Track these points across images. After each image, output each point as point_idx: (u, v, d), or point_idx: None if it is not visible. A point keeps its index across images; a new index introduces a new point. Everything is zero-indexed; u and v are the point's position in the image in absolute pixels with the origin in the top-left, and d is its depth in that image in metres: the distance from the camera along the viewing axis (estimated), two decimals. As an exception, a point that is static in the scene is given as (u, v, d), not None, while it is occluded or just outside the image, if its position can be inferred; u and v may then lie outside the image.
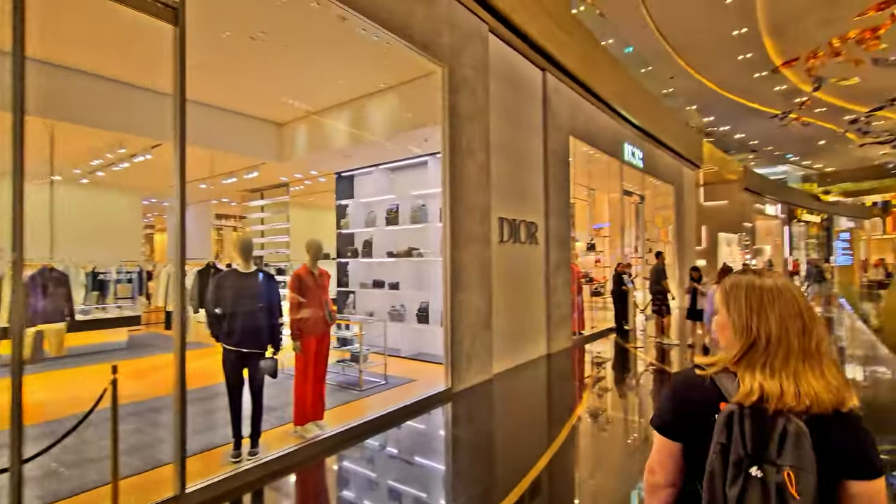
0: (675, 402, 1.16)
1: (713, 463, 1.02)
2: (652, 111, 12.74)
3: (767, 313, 1.07)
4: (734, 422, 1.01)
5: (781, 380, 1.02)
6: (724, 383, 1.08)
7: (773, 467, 0.95)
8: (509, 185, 6.83)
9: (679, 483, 1.17)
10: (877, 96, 21.34)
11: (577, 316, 9.01)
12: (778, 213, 28.74)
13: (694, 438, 1.10)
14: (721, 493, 0.99)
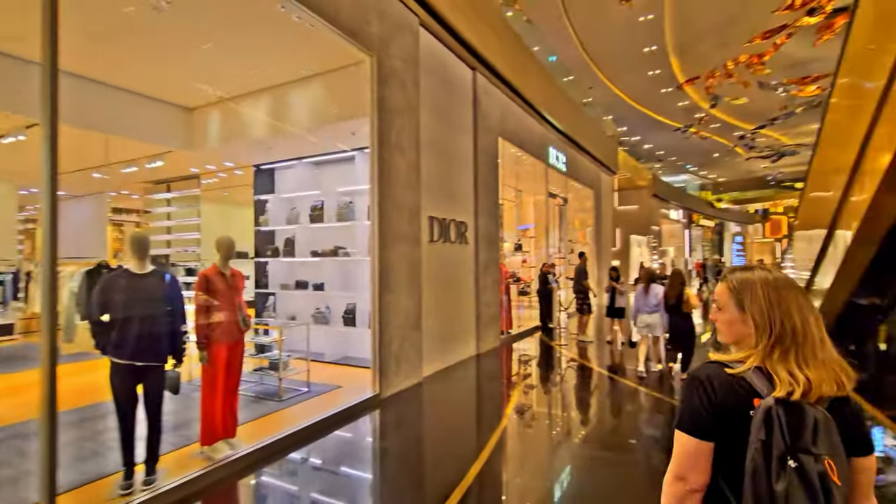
0: (711, 402, 1.10)
1: (756, 460, 1.01)
2: (574, 118, 13.33)
3: (789, 306, 1.10)
4: (774, 416, 1.01)
5: (815, 370, 1.05)
6: (753, 379, 1.08)
7: (810, 457, 0.97)
8: (439, 184, 6.72)
9: (705, 486, 1.11)
10: (761, 116, 24.19)
11: (505, 315, 9.14)
12: (680, 217, 31.57)
13: (727, 437, 1.08)
14: (766, 489, 0.98)
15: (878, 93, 4.33)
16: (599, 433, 4.54)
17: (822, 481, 0.96)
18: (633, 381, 6.31)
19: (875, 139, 4.60)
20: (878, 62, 4.32)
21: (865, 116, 4.64)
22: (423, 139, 6.22)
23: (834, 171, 5.61)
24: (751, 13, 14.95)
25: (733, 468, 1.05)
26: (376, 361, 5.14)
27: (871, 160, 4.72)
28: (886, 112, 4.37)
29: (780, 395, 1.03)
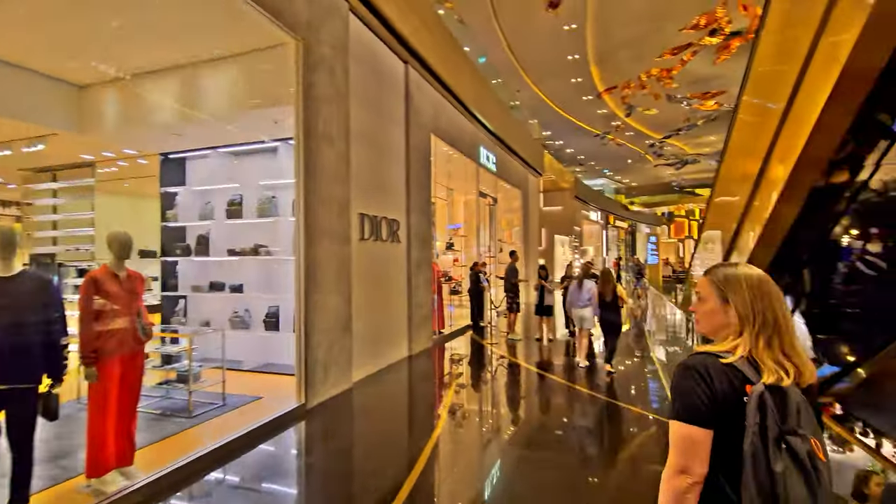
0: (709, 391, 1.13)
1: (755, 444, 1.04)
2: (504, 119, 13.56)
3: (770, 299, 1.17)
4: (766, 401, 1.06)
5: (794, 359, 1.13)
6: (744, 368, 1.13)
7: (797, 438, 1.03)
8: (371, 179, 6.43)
9: (705, 475, 1.13)
10: (668, 126, 26.34)
11: (438, 315, 9.02)
12: (599, 219, 33.56)
13: (724, 424, 1.11)
14: (766, 470, 1.02)
15: (779, 113, 4.75)
16: (533, 433, 4.54)
17: (810, 460, 1.02)
18: (561, 377, 6.46)
19: (776, 153, 5.05)
20: (781, 85, 4.71)
21: (768, 132, 5.07)
22: (354, 131, 5.91)
23: (740, 179, 6.11)
24: (662, 30, 16.16)
25: (728, 457, 1.09)
26: (301, 368, 4.77)
27: (772, 171, 5.18)
28: (786, 129, 4.80)
29: (770, 381, 1.09)
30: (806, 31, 4.12)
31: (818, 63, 4.09)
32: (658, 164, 36.10)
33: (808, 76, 4.31)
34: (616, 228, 40.18)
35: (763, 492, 1.02)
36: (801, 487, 1.01)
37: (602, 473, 3.64)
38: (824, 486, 1.03)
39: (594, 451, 4.09)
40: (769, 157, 5.20)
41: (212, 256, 6.60)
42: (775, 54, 5.29)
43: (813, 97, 4.19)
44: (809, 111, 4.26)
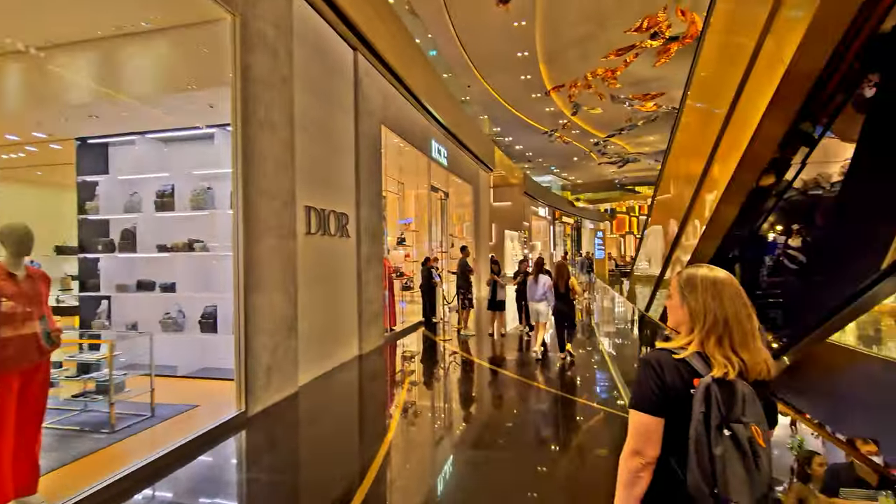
0: (660, 383, 1.26)
1: (698, 430, 1.16)
2: (455, 113, 13.45)
3: (722, 300, 1.26)
4: (711, 393, 1.17)
5: (743, 355, 1.23)
6: (694, 362, 1.25)
7: (741, 425, 1.15)
8: (318, 170, 6.08)
9: (657, 459, 1.26)
10: (611, 126, 27.35)
11: (389, 311, 8.79)
12: (546, 215, 34.39)
13: (674, 413, 1.23)
14: (707, 453, 1.15)
15: (722, 117, 4.91)
16: (487, 432, 4.45)
17: (750, 445, 1.14)
18: (513, 372, 6.45)
19: (719, 155, 5.24)
20: (724, 89, 4.86)
21: (711, 134, 5.25)
22: (300, 119, 5.55)
23: (684, 178, 6.33)
24: (608, 31, 16.66)
25: (678, 441, 1.21)
26: (241, 374, 4.41)
27: (715, 172, 5.37)
28: (729, 132, 4.98)
29: (717, 375, 1.20)
30: (749, 38, 4.26)
31: (760, 68, 4.25)
32: (602, 162, 37.49)
33: (750, 82, 4.47)
34: (563, 224, 41.40)
35: (704, 472, 1.15)
36: (740, 468, 1.13)
37: (558, 470, 3.60)
38: (762, 469, 1.15)
39: (550, 447, 4.05)
40: (712, 159, 5.40)
41: (139, 252, 6.01)
42: (718, 59, 5.48)
43: (754, 102, 4.34)
44: (751, 116, 4.42)
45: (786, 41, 3.66)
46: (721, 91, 5.03)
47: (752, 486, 1.14)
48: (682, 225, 6.24)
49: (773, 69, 3.92)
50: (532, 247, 29.30)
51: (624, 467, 1.29)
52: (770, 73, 3.99)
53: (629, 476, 1.27)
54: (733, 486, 1.13)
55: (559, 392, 5.53)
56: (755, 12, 4.18)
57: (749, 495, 1.13)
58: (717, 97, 5.18)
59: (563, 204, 39.71)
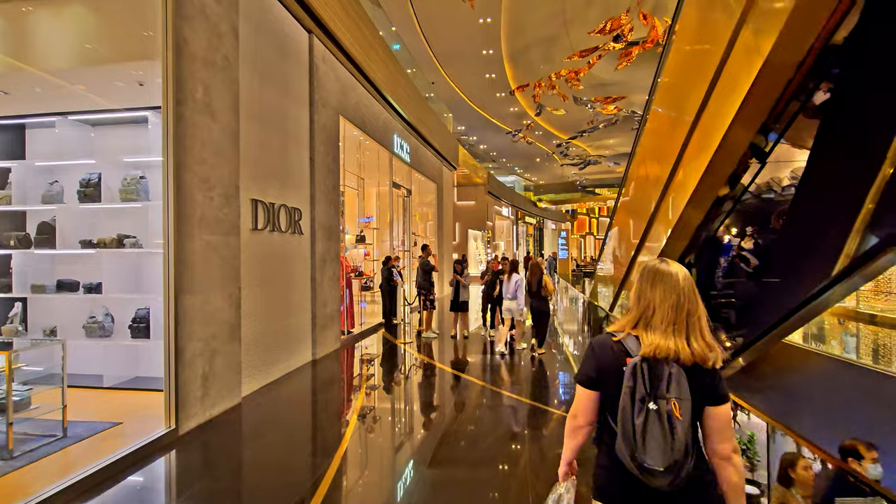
0: (595, 362, 1.47)
1: (624, 401, 1.36)
2: (419, 108, 13.10)
3: (655, 289, 1.41)
4: (638, 370, 1.36)
5: (666, 339, 1.37)
6: (628, 343, 1.43)
7: (663, 400, 1.32)
8: (268, 162, 5.60)
9: (595, 422, 1.51)
10: (573, 128, 27.73)
11: (347, 313, 8.35)
12: (509, 214, 34.57)
13: (608, 386, 1.45)
14: (630, 422, 1.34)
15: (688, 123, 4.82)
16: (447, 444, 4.15)
17: (669, 416, 1.29)
18: (476, 377, 6.19)
19: (685, 160, 5.15)
20: (690, 96, 4.77)
21: (677, 139, 5.15)
22: (247, 105, 5.06)
23: (650, 182, 6.26)
24: (571, 32, 16.76)
25: (614, 409, 1.40)
26: (171, 387, 3.91)
27: (681, 177, 5.30)
28: (695, 138, 4.89)
29: (644, 354, 1.36)
30: (716, 46, 4.16)
31: (728, 77, 4.16)
32: (564, 163, 38.07)
33: (717, 92, 4.39)
34: (526, 224, 41.83)
35: (627, 438, 1.33)
36: (657, 434, 1.29)
37: (521, 486, 3.34)
38: (677, 438, 1.29)
39: (512, 458, 3.79)
40: (678, 164, 5.31)
41: (59, 249, 5.33)
42: (684, 65, 5.40)
43: (722, 109, 4.26)
44: (719, 123, 4.34)
45: (754, 52, 3.58)
46: (688, 97, 4.94)
47: (666, 452, 1.29)
48: (647, 228, 6.17)
49: (740, 80, 3.85)
50: (495, 246, 29.36)
51: (567, 426, 1.55)
52: (738, 83, 3.91)
53: (569, 430, 1.55)
54: (650, 452, 1.30)
55: (522, 398, 5.30)
56: (722, 20, 4.09)
57: (662, 460, 1.28)
58: (683, 103, 5.10)
59: (526, 204, 40.12)
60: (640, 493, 1.36)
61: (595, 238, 48.91)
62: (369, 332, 9.07)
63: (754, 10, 3.61)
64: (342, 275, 8.01)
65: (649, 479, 1.31)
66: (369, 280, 9.90)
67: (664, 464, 1.28)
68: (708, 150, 4.62)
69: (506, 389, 5.61)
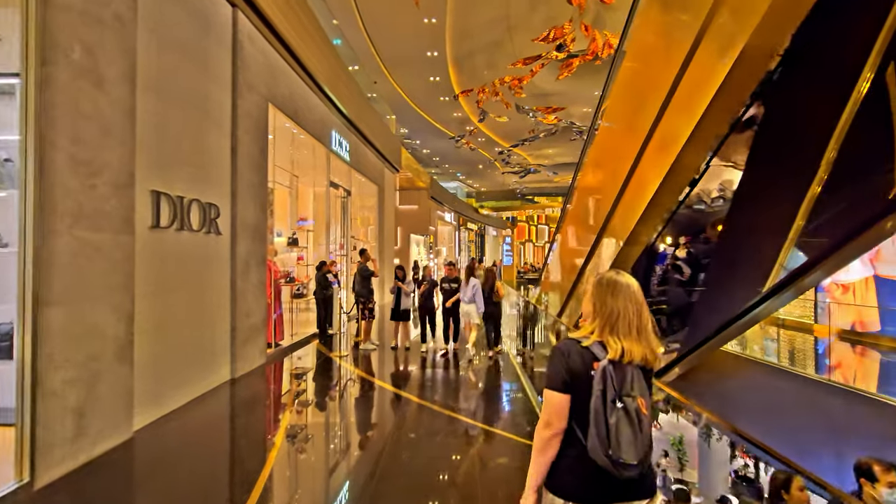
0: (565, 367, 1.54)
1: (596, 403, 1.45)
2: (361, 106, 12.41)
3: (616, 300, 1.54)
4: (607, 373, 1.46)
5: (629, 343, 1.51)
6: (594, 349, 1.53)
7: (630, 398, 1.45)
8: (175, 147, 4.75)
9: (565, 429, 1.54)
10: (515, 136, 28.08)
11: (276, 324, 7.49)
12: (452, 220, 34.42)
13: (578, 391, 1.51)
14: (604, 422, 1.42)
15: (641, 140, 4.64)
16: (382, 479, 3.57)
17: (636, 414, 1.44)
18: (416, 394, 5.65)
19: (637, 176, 4.99)
20: (643, 114, 4.59)
21: (627, 159, 4.97)
22: (149, 77, 4.22)
23: (604, 195, 6.09)
24: (515, 39, 16.80)
25: (581, 413, 1.50)
26: (24, 426, 3.02)
27: (633, 193, 5.14)
28: (647, 156, 4.72)
29: (612, 357, 1.50)
30: (668, 68, 3.99)
31: (682, 96, 4.01)
32: (505, 171, 38.59)
33: (671, 112, 4.24)
34: (468, 230, 41.94)
35: (601, 437, 1.43)
36: (628, 431, 1.42)
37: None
38: (644, 431, 1.44)
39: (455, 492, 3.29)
40: (629, 179, 5.15)
41: None
42: (636, 78, 5.26)
43: (676, 129, 4.11)
44: (672, 143, 4.19)
45: (711, 72, 3.43)
46: (640, 114, 4.77)
47: (637, 446, 1.42)
48: (598, 239, 6.01)
49: (696, 99, 3.71)
50: (437, 252, 29.01)
51: (538, 437, 1.55)
52: (694, 101, 3.77)
53: (541, 444, 1.54)
54: (623, 447, 1.41)
55: (468, 419, 4.83)
56: (676, 41, 3.93)
57: (634, 454, 1.41)
58: (635, 120, 4.94)
59: (468, 210, 40.23)
60: (609, 486, 1.47)
61: (534, 245, 50.05)
62: (302, 343, 8.24)
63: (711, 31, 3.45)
64: (270, 281, 7.17)
65: (622, 472, 1.41)
66: (303, 286, 9.05)
67: (636, 457, 1.41)
68: (661, 169, 4.49)
69: (450, 408, 5.11)
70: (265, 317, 6.78)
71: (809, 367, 7.23)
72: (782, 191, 3.10)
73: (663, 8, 4.48)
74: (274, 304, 7.48)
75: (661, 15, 4.52)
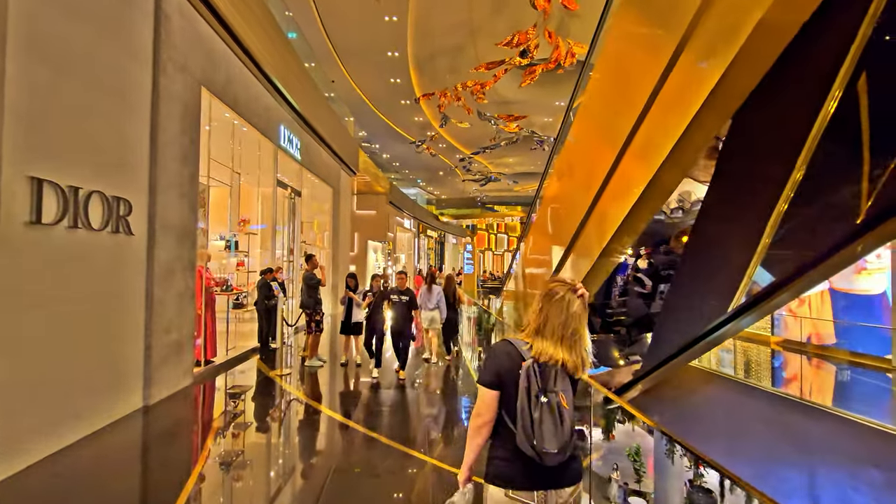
0: (496, 366, 1.71)
1: (522, 398, 1.62)
2: (316, 104, 11.62)
3: (551, 307, 1.70)
4: (531, 371, 1.63)
5: (553, 349, 1.66)
6: (523, 350, 1.70)
7: (553, 393, 1.62)
8: (71, 129, 3.89)
9: (494, 419, 1.71)
10: (476, 143, 27.87)
11: (207, 339, 6.58)
12: (411, 227, 33.75)
13: (506, 386, 1.69)
14: (529, 416, 1.60)
15: (614, 155, 4.27)
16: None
17: (558, 408, 1.61)
18: (366, 423, 4.96)
19: (608, 194, 4.62)
20: (618, 125, 4.22)
21: (598, 173, 4.60)
22: (34, 40, 3.38)
23: (568, 209, 5.72)
24: (478, 42, 16.48)
25: (510, 406, 1.66)
26: None
27: (603, 209, 4.77)
28: (622, 172, 4.34)
29: (534, 356, 1.66)
30: (647, 80, 3.62)
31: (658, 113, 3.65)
32: (466, 178, 38.36)
33: (647, 128, 3.87)
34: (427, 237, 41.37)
35: (526, 429, 1.59)
36: (550, 423, 1.59)
37: None
38: (565, 424, 1.61)
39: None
40: (600, 197, 4.78)
41: None
42: (609, 96, 4.89)
43: (653, 150, 3.76)
44: (649, 165, 3.84)
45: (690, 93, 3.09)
46: (613, 127, 4.39)
47: (558, 436, 1.59)
48: (566, 254, 5.61)
49: (671, 126, 3.37)
50: (396, 259, 28.24)
51: (471, 424, 1.73)
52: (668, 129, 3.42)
53: (473, 431, 1.72)
54: (546, 438, 1.58)
55: (421, 456, 4.20)
56: (650, 60, 3.57)
57: (556, 444, 1.58)
58: (606, 134, 4.57)
59: (428, 217, 39.75)
60: (534, 472, 1.64)
61: (493, 253, 50.16)
62: (240, 360, 7.33)
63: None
64: (201, 290, 6.28)
65: (546, 460, 1.58)
66: (242, 296, 8.12)
67: (557, 446, 1.59)
68: (638, 186, 4.12)
69: (402, 440, 4.46)
70: (193, 331, 5.89)
71: (765, 380, 7.12)
72: (748, 209, 3.01)
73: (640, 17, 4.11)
74: (206, 317, 6.58)
75: (637, 26, 4.15)
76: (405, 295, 6.64)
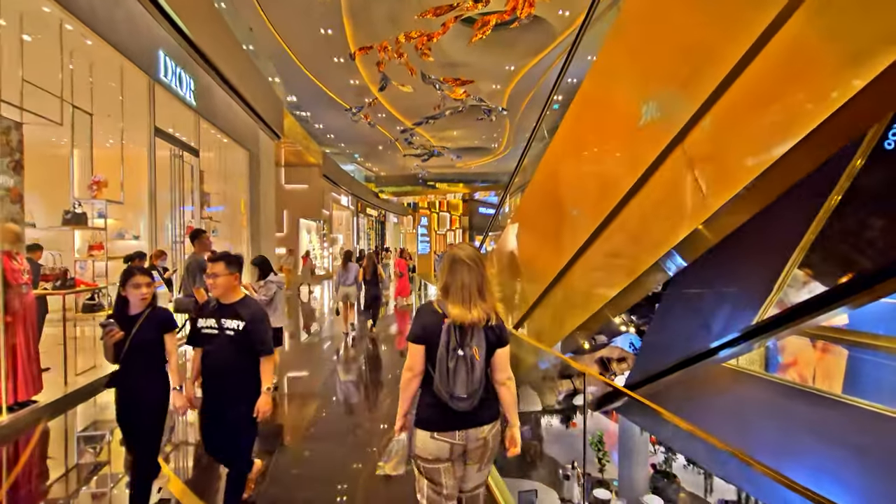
0: (422, 323, 1.96)
1: (441, 351, 1.88)
2: (220, 39, 8.83)
3: (451, 273, 1.96)
4: (451, 329, 1.89)
5: (460, 310, 1.90)
6: (443, 309, 1.94)
7: (468, 347, 1.88)
8: None
9: (423, 372, 1.98)
10: (419, 113, 25.43)
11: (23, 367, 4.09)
12: (349, 204, 30.96)
13: (430, 342, 1.93)
14: (445, 365, 1.87)
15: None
16: None
17: (471, 360, 1.87)
18: None
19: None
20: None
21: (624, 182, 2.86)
22: None
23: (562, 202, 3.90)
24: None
25: (434, 359, 1.90)
26: None
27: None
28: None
29: (454, 316, 1.89)
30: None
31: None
32: (407, 153, 35.76)
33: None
34: (367, 217, 38.72)
35: (443, 377, 1.86)
36: (463, 373, 1.85)
37: None
38: (476, 373, 1.87)
39: None
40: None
41: None
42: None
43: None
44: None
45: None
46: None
47: (468, 384, 1.86)
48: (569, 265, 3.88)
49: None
50: (333, 240, 25.56)
51: (403, 377, 1.99)
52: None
53: (404, 383, 1.99)
54: (458, 385, 1.86)
55: None
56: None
57: (465, 390, 1.85)
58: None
59: (367, 194, 37.02)
60: (451, 415, 1.90)
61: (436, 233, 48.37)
62: (89, 392, 4.86)
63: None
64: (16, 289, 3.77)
65: (457, 404, 1.86)
66: (97, 294, 5.52)
67: (466, 392, 1.86)
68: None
69: None
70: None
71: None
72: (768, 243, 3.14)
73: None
74: (19, 332, 4.07)
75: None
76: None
